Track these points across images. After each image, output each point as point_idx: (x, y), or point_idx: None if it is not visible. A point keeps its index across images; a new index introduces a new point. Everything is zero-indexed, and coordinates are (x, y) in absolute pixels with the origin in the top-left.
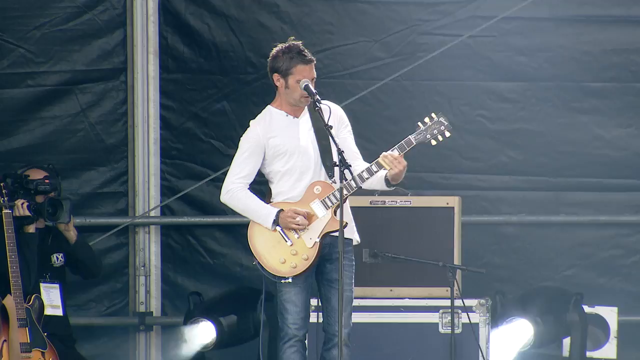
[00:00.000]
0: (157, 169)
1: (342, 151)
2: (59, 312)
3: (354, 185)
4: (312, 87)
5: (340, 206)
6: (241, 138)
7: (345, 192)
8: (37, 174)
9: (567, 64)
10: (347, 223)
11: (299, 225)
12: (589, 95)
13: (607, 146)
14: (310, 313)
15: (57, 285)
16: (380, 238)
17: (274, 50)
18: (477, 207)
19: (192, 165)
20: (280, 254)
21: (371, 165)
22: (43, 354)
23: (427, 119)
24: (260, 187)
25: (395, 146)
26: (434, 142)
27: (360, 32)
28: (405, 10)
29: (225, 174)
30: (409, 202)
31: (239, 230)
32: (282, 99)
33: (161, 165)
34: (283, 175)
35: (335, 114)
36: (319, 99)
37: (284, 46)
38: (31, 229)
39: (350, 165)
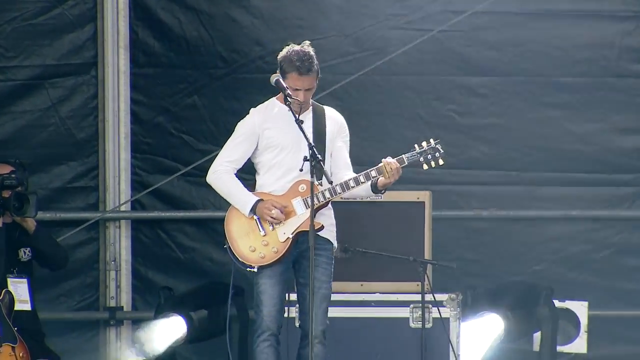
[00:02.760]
0: (128, 164)
1: (313, 145)
2: (27, 306)
3: (339, 190)
4: (282, 83)
5: (311, 200)
6: (238, 123)
7: (328, 195)
8: (3, 169)
9: (538, 58)
10: (322, 225)
11: (273, 218)
12: (560, 90)
13: (578, 141)
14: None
15: (24, 280)
16: (351, 233)
17: (285, 48)
18: (448, 202)
19: (162, 159)
20: (251, 242)
21: (359, 176)
22: (13, 348)
23: (424, 143)
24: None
25: (393, 159)
26: (425, 167)
27: (330, 26)
28: (375, 5)
29: (196, 168)
30: (379, 197)
31: (209, 224)
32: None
33: (132, 159)
34: (270, 168)
35: (335, 121)
36: (290, 94)
37: (293, 48)
38: None
39: (320, 160)
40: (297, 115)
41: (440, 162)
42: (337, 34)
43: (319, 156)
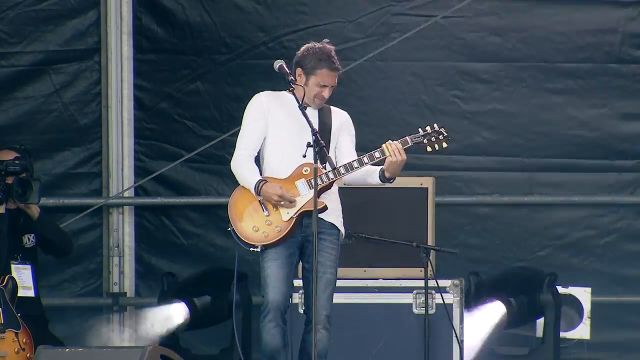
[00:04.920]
0: (131, 150)
1: (317, 131)
2: (30, 293)
3: (342, 171)
4: (286, 68)
5: (314, 185)
6: (247, 106)
7: (325, 179)
8: (7, 155)
9: (541, 44)
10: (326, 205)
11: (280, 197)
12: (563, 75)
13: (580, 127)
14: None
15: (28, 266)
16: (354, 219)
17: (305, 46)
18: (451, 188)
19: (166, 145)
20: (254, 222)
21: (362, 157)
22: (17, 334)
23: (428, 127)
24: None
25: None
26: (429, 149)
27: (334, 12)
28: None
29: (199, 154)
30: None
31: (212, 210)
32: (297, 92)
33: (135, 145)
34: (272, 152)
35: (340, 117)
36: (293, 79)
37: (317, 45)
38: (1, 209)
39: (324, 146)
40: (300, 102)
41: (444, 145)
42: (341, 20)
43: (322, 142)
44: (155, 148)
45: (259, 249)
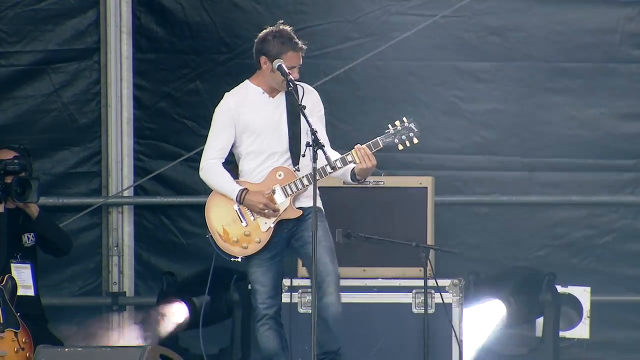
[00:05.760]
0: (130, 149)
1: (315, 131)
2: (30, 292)
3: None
4: (284, 69)
5: (314, 186)
6: (215, 110)
7: (300, 185)
8: (6, 154)
9: (540, 44)
10: (303, 212)
11: (265, 206)
12: (562, 75)
13: (580, 126)
14: (284, 293)
15: (28, 265)
16: (354, 218)
17: (264, 33)
18: (451, 187)
19: (165, 145)
20: (234, 233)
21: (335, 161)
22: (16, 334)
23: (397, 123)
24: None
25: (363, 145)
26: (400, 147)
27: (333, 12)
28: None
29: (198, 153)
30: (382, 182)
31: None
32: (262, 79)
33: (134, 145)
34: (248, 154)
35: (308, 96)
36: (293, 79)
37: (274, 30)
38: (0, 208)
39: (323, 146)
40: (300, 101)
41: (415, 141)
42: (340, 19)
43: (321, 142)
44: (155, 147)
45: (239, 260)
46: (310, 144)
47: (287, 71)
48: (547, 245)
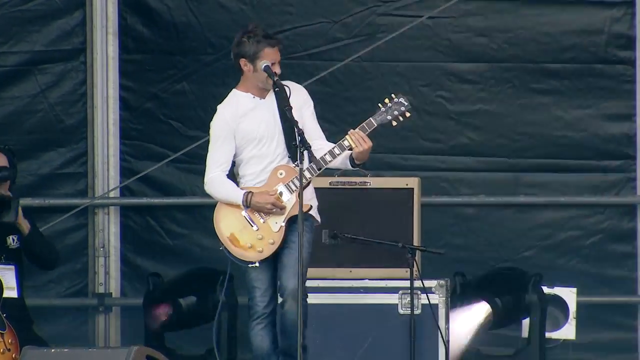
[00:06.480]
0: (117, 150)
1: (302, 132)
2: (13, 294)
3: (316, 167)
4: (272, 69)
5: (300, 187)
6: (210, 125)
7: (308, 175)
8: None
9: (526, 45)
10: (311, 206)
11: (273, 206)
12: (549, 76)
13: (566, 127)
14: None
15: (12, 267)
16: (340, 219)
17: (238, 36)
18: (437, 188)
19: (151, 146)
20: (246, 239)
21: (333, 149)
22: (2, 335)
23: (387, 100)
24: None
25: (357, 127)
26: (394, 123)
27: (319, 12)
28: None
29: (185, 154)
30: (368, 183)
31: (198, 211)
32: (248, 83)
33: (121, 146)
34: (251, 159)
35: (297, 94)
36: (279, 80)
37: (247, 30)
38: None
39: (310, 147)
40: (287, 100)
41: (407, 115)
42: (326, 20)
43: (308, 143)
44: (141, 148)
45: (257, 264)
46: (297, 144)
47: (273, 71)
48: (533, 246)
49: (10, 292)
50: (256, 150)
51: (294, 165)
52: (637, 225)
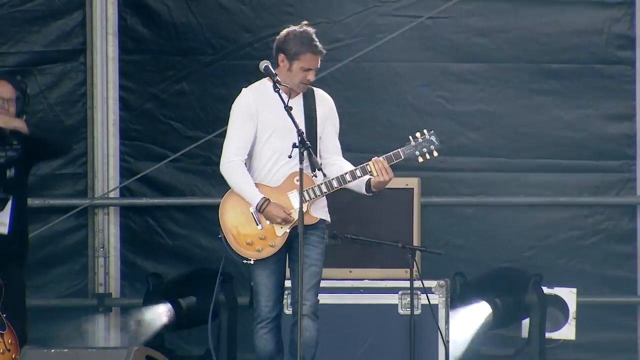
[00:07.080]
0: (117, 150)
1: (302, 132)
2: (4, 230)
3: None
4: (272, 69)
5: (300, 189)
6: (232, 106)
7: (324, 189)
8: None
9: (526, 45)
10: (320, 219)
11: (282, 220)
12: (549, 76)
13: (566, 127)
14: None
15: (9, 197)
16: (340, 219)
17: (286, 31)
18: (437, 189)
19: (151, 146)
20: (248, 236)
21: (355, 171)
22: (2, 335)
23: (418, 134)
24: None
25: (384, 156)
26: (420, 160)
27: (319, 13)
28: None
29: (184, 155)
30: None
31: (198, 211)
32: (280, 79)
33: (120, 146)
34: (260, 151)
35: (325, 104)
36: (279, 80)
37: (297, 30)
38: None
39: (310, 147)
40: (286, 102)
41: (435, 154)
42: (326, 21)
43: (308, 143)
44: (141, 149)
45: (252, 262)
46: (297, 145)
47: (273, 72)
48: (533, 247)
49: (1, 228)
50: (269, 143)
51: (312, 174)
52: (637, 226)
